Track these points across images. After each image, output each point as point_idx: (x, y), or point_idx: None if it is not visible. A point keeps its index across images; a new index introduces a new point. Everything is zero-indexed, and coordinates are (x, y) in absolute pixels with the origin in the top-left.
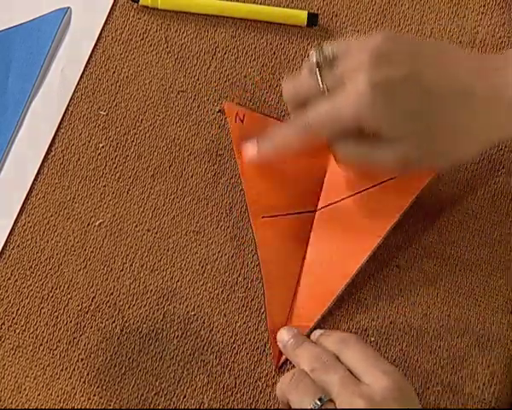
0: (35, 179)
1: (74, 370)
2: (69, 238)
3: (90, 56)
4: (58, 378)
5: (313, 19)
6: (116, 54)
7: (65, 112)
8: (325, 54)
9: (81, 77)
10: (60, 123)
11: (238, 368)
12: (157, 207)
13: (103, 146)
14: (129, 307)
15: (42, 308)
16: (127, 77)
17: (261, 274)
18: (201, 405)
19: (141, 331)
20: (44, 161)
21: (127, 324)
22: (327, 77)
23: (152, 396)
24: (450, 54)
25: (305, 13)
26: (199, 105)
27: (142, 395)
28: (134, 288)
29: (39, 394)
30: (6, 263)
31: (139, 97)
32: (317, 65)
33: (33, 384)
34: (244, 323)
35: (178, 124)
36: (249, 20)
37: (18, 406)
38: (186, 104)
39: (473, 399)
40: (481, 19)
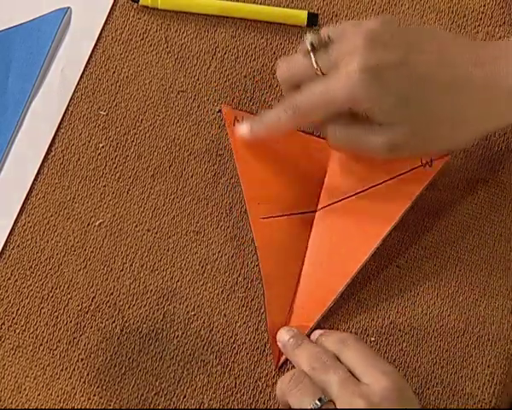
0: (35, 179)
1: (74, 370)
2: (69, 238)
3: (90, 56)
4: (58, 378)
5: (313, 19)
6: (116, 54)
7: (65, 112)
8: (320, 36)
9: (81, 77)
10: (60, 123)
11: (238, 368)
12: (157, 207)
13: (103, 146)
14: (129, 307)
15: (42, 308)
16: (127, 77)
17: (261, 275)
18: (201, 405)
19: (141, 331)
20: (44, 161)
21: (127, 324)
22: (321, 59)
23: (152, 396)
24: (446, 41)
25: (305, 13)
26: (199, 105)
27: (142, 395)
28: (134, 288)
29: (39, 394)
30: (6, 263)
31: (139, 97)
32: (312, 47)
33: (33, 384)
34: (244, 323)
35: (178, 124)
36: (249, 20)
37: (18, 406)
38: (186, 104)
39: (473, 399)
40: (481, 19)
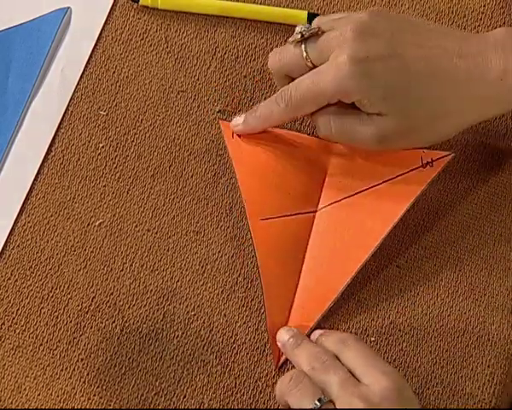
0: (35, 179)
1: (74, 370)
2: (69, 238)
3: (90, 56)
4: (58, 378)
5: (313, 19)
6: (116, 54)
7: (65, 112)
8: (311, 27)
9: (81, 77)
10: (60, 123)
11: (238, 368)
12: (157, 207)
13: (103, 146)
14: (129, 307)
15: (42, 308)
16: (127, 77)
17: (260, 276)
18: (201, 405)
19: (141, 331)
20: (44, 161)
21: (127, 324)
22: (311, 50)
23: (152, 396)
24: (433, 33)
25: (305, 13)
26: (199, 105)
27: (142, 395)
28: (134, 288)
29: (39, 394)
30: (6, 263)
31: (139, 97)
32: (302, 37)
33: (33, 384)
34: (244, 323)
35: (178, 124)
36: (249, 20)
37: (18, 406)
38: (186, 104)
39: (473, 399)
40: (481, 19)
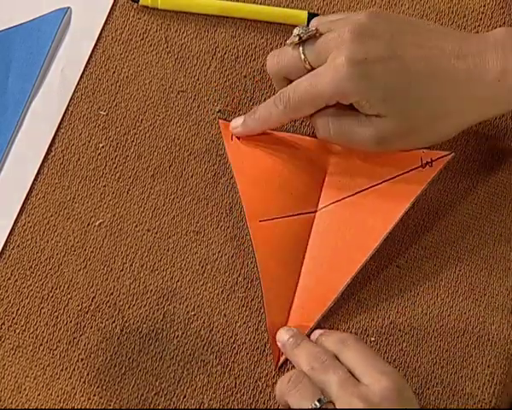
0: (35, 179)
1: (74, 370)
2: (69, 238)
3: (90, 56)
4: (58, 378)
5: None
6: (116, 54)
7: (65, 112)
8: (309, 29)
9: (81, 77)
10: (60, 123)
11: (238, 368)
12: (157, 207)
13: (103, 146)
14: (129, 307)
15: (42, 308)
16: (127, 77)
17: (259, 276)
18: (201, 405)
19: (141, 331)
20: (44, 161)
21: (127, 324)
22: (309, 51)
23: (152, 396)
24: (433, 34)
25: (305, 13)
26: (199, 105)
27: (142, 395)
28: (134, 288)
29: (39, 394)
30: (6, 263)
31: (139, 97)
32: (300, 39)
33: (33, 384)
34: (244, 323)
35: (178, 124)
36: (249, 20)
37: (18, 406)
38: (186, 104)
39: (473, 399)
40: (481, 19)
